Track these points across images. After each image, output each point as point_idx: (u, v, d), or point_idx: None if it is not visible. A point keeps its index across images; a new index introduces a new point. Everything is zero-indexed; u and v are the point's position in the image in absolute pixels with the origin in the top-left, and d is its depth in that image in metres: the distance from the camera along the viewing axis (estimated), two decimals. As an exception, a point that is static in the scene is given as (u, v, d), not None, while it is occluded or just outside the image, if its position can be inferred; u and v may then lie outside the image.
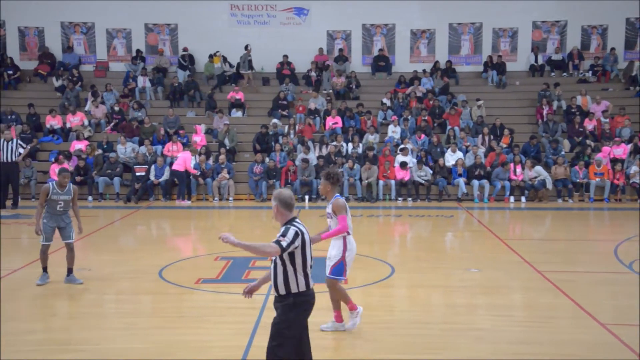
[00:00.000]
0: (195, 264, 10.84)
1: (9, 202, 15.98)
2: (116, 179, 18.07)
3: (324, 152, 19.41)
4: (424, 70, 23.49)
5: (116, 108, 20.98)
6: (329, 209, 7.08)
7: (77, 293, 8.99)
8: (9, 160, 15.74)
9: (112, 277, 9.34)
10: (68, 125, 20.31)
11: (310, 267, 5.25)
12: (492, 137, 20.19)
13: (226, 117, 21.04)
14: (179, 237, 13.83)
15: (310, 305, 5.28)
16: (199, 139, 19.69)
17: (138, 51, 23.63)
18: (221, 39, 23.31)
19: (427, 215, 16.30)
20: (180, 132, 19.93)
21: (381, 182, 18.51)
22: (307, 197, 18.29)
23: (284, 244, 4.99)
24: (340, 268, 7.05)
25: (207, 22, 23.63)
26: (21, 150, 16.39)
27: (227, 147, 19.47)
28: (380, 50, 24.16)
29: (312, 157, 19.09)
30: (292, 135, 20.43)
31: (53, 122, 20.30)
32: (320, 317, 7.10)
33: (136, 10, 23.48)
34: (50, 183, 9.24)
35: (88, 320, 7.73)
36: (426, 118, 20.97)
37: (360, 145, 19.88)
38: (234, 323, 7.59)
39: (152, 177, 18.05)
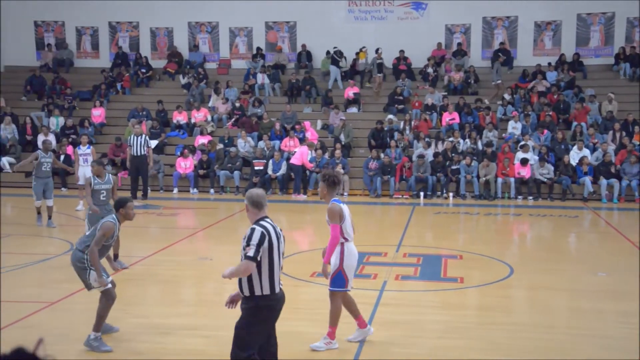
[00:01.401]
0: (311, 257, 10.98)
1: (139, 194, 16.96)
2: (236, 173, 18.70)
3: (440, 148, 19.08)
4: (549, 64, 22.47)
5: (237, 104, 21.71)
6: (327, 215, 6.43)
7: (199, 282, 9.39)
8: (139, 154, 16.68)
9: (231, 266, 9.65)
10: (193, 120, 21.25)
11: (281, 268, 4.99)
12: (623, 133, 18.98)
13: (342, 112, 21.19)
14: (295, 231, 14.08)
15: (274, 311, 4.95)
16: (309, 134, 19.96)
17: (258, 49, 24.31)
18: (338, 35, 23.47)
19: (549, 214, 15.59)
20: (297, 127, 20.30)
21: (500, 180, 17.92)
22: (422, 194, 18.05)
23: (251, 253, 4.79)
24: (339, 278, 6.40)
25: (325, 19, 23.88)
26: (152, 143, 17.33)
27: (343, 143, 19.61)
28: (502, 43, 23.37)
29: (428, 153, 18.81)
30: (407, 131, 20.24)
31: (179, 117, 21.32)
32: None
33: (258, 9, 24.14)
34: (90, 175, 9.76)
35: (210, 308, 8.05)
36: (550, 113, 20.06)
37: (478, 141, 19.35)
38: (349, 317, 7.61)
39: (269, 171, 18.52)
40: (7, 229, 12.74)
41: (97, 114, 21.52)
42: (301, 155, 18.25)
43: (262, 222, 4.90)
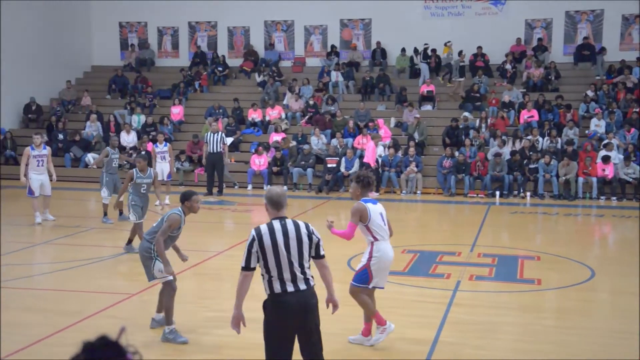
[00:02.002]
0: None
1: (215, 190, 17.34)
2: (309, 170, 18.82)
3: (518, 146, 18.55)
4: (638, 59, 21.42)
5: (311, 102, 21.84)
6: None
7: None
8: (215, 151, 17.04)
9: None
10: (267, 118, 21.54)
11: (302, 266, 4.66)
12: None
13: (416, 110, 20.96)
14: (367, 228, 14.01)
15: (290, 308, 4.61)
16: (382, 132, 19.84)
17: (333, 47, 24.36)
18: (414, 32, 23.22)
19: (634, 216, 14.88)
20: (370, 124, 20.22)
21: (581, 179, 17.26)
22: (497, 193, 17.61)
23: (242, 262, 4.71)
24: (363, 275, 6.33)
25: (400, 16, 23.66)
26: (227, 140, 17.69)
27: (417, 141, 19.39)
28: (585, 38, 22.49)
29: (505, 151, 18.35)
30: (483, 129, 19.80)
31: (254, 115, 21.65)
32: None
33: (333, 7, 24.19)
34: (133, 169, 10.31)
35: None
36: (637, 110, 19.14)
37: (558, 139, 18.70)
38: (420, 316, 7.53)
39: (342, 169, 18.54)
40: (91, 222, 13.31)
41: (176, 111, 22.14)
42: (372, 152, 18.20)
43: (266, 224, 4.71)
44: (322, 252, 4.84)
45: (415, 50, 23.07)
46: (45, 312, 7.77)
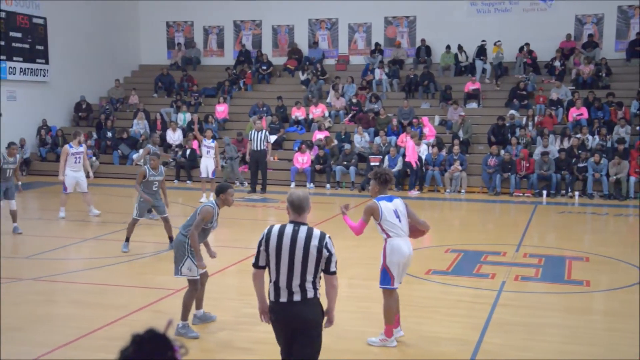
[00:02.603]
0: (426, 254, 10.82)
1: (258, 187, 17.46)
2: (352, 168, 18.77)
3: (566, 145, 18.14)
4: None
5: (354, 100, 21.79)
6: None
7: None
8: (259, 148, 17.16)
9: (347, 262, 9.68)
10: (310, 116, 21.59)
11: (289, 279, 4.45)
12: None
13: (461, 108, 20.70)
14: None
15: (279, 319, 4.51)
16: (426, 130, 19.65)
17: (377, 44, 24.25)
18: (459, 29, 22.94)
19: (688, 218, 14.39)
20: (414, 121, 20.07)
21: (632, 179, 16.77)
22: (544, 192, 17.25)
23: (253, 259, 4.64)
24: (384, 275, 6.32)
25: (446, 13, 23.39)
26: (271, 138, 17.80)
27: (461, 139, 19.15)
28: (638, 34, 21.81)
29: (553, 149, 17.96)
30: (530, 127, 19.43)
31: (298, 113, 21.72)
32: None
33: (377, 5, 24.07)
34: (145, 167, 10.37)
35: (324, 300, 8.12)
36: (691, 108, 18.51)
37: (609, 138, 18.21)
38: (464, 317, 7.43)
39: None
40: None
41: (221, 109, 22.38)
42: (412, 150, 18.06)
43: (279, 225, 4.58)
44: (332, 269, 4.54)
45: (460, 48, 22.78)
46: (93, 305, 7.95)
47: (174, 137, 20.87)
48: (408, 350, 6.42)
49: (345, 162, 18.93)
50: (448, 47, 23.01)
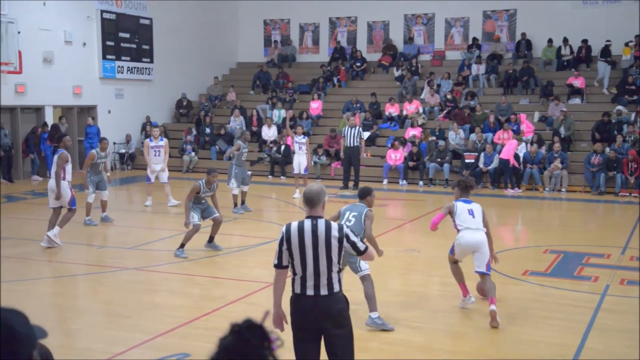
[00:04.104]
0: (522, 254, 10.50)
1: (350, 183, 17.51)
2: (446, 166, 18.46)
3: (679, 143, 17.04)
4: None
5: (449, 96, 21.41)
6: None
7: (406, 273, 9.45)
8: (352, 145, 17.19)
9: (438, 260, 9.54)
10: (404, 112, 21.40)
11: (315, 273, 4.40)
12: None
13: (563, 103, 19.88)
14: (505, 226, 13.54)
15: (306, 312, 4.44)
16: (524, 127, 18.99)
17: (474, 39, 23.71)
18: (563, 22, 22.02)
19: None
20: (512, 117, 19.47)
21: None
22: (654, 193, 16.30)
23: (274, 260, 4.55)
24: (452, 249, 7.63)
25: (549, 5, 22.50)
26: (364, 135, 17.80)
27: (563, 136, 18.39)
28: None
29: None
30: (639, 124, 18.38)
31: (391, 109, 21.59)
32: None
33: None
34: (200, 182, 9.97)
35: (416, 299, 8.06)
36: None
37: None
38: (564, 320, 7.15)
39: (480, 165, 18.01)
40: (232, 213, 13.93)
41: (315, 106, 22.60)
42: (509, 148, 17.52)
43: (297, 222, 4.49)
44: (361, 248, 4.58)
45: (565, 40, 21.88)
46: (192, 296, 8.26)
47: (269, 133, 21.28)
48: (505, 352, 6.25)
49: (439, 159, 18.65)
50: (550, 40, 22.16)
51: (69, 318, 7.03)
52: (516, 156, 17.74)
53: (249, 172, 14.81)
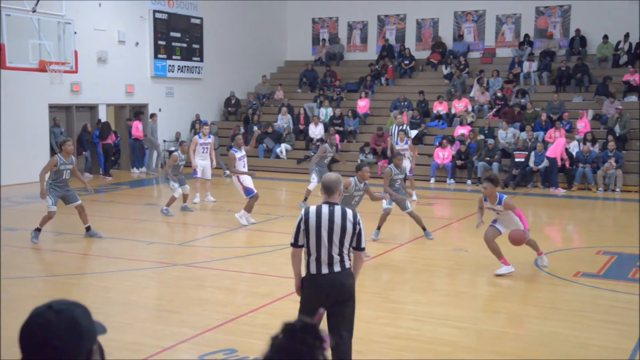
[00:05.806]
0: (574, 255, 10.25)
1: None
2: (495, 164, 18.17)
3: None
4: None
5: (499, 94, 21.05)
6: (496, 207, 8.67)
7: (453, 272, 9.34)
8: (398, 143, 17.05)
9: (486, 260, 9.40)
10: (453, 111, 21.14)
11: (329, 254, 4.81)
12: None
13: (618, 101, 19.31)
14: (555, 227, 13.24)
15: (323, 288, 4.85)
16: (581, 125, 18.51)
17: (526, 36, 23.26)
18: (620, 18, 21.39)
19: None
20: (564, 115, 19.01)
21: None
22: None
23: (291, 239, 4.99)
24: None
25: (605, 0, 21.90)
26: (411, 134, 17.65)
27: (617, 135, 17.86)
28: None
29: None
30: (699, 122, 17.73)
31: (439, 107, 21.36)
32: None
33: (527, -5, 23.13)
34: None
35: (463, 299, 7.97)
36: None
37: None
38: (618, 323, 6.96)
39: (531, 164, 17.66)
40: (281, 211, 14.04)
41: (362, 104, 22.53)
42: (556, 146, 17.10)
43: (315, 206, 4.93)
44: (362, 245, 4.96)
45: (627, 36, 21.25)
46: (239, 292, 8.35)
47: (316, 131, 21.33)
48: (556, 355, 6.11)
49: (488, 158, 18.36)
50: (605, 36, 21.56)
51: (120, 312, 7.20)
52: (569, 155, 17.33)
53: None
